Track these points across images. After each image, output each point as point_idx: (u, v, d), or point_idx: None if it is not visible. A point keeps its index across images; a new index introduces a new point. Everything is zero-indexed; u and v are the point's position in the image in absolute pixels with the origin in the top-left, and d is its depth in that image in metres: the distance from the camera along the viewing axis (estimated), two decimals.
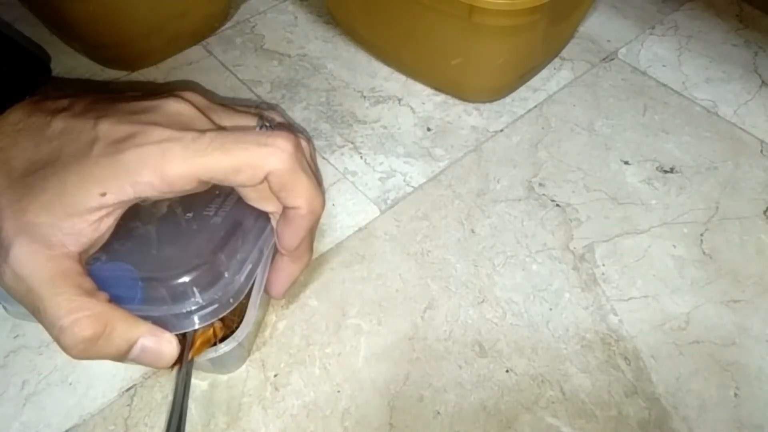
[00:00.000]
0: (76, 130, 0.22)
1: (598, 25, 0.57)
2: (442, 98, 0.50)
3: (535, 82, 0.52)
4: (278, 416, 0.33)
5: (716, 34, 0.57)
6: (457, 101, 0.50)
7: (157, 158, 0.21)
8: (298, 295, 0.38)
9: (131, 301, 0.24)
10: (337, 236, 0.41)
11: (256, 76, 0.51)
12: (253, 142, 0.23)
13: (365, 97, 0.50)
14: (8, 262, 0.20)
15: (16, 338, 0.35)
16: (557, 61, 0.54)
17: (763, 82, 0.52)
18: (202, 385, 0.34)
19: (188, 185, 0.22)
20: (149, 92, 0.25)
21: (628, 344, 0.36)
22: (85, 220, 0.21)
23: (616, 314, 0.37)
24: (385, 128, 0.48)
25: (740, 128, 0.48)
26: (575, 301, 0.38)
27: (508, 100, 0.50)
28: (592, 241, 0.41)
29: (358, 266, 0.39)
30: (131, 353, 0.22)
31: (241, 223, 0.27)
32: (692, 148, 0.47)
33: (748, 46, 0.55)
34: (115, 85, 0.51)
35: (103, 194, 0.21)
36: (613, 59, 0.54)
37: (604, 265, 0.40)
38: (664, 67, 0.53)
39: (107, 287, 0.22)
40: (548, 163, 0.46)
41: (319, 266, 0.39)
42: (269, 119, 0.27)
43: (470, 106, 0.50)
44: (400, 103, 0.50)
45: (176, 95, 0.24)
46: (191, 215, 0.27)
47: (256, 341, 0.36)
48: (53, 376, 0.34)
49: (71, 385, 0.34)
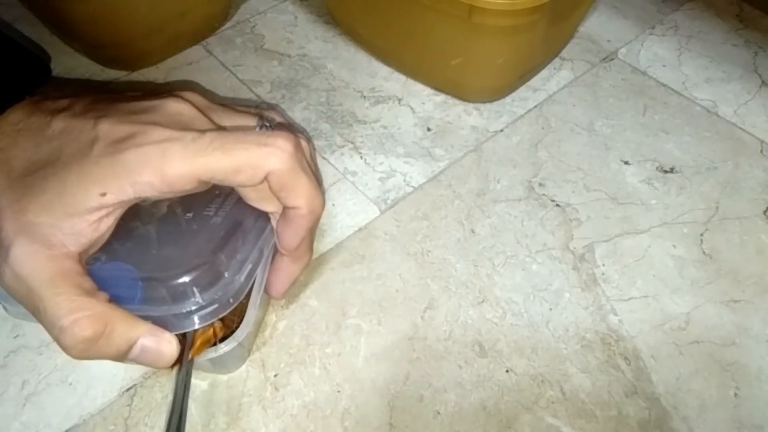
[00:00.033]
0: (76, 130, 0.22)
1: (598, 25, 0.57)
2: (442, 98, 0.50)
3: (535, 82, 0.52)
4: (278, 416, 0.33)
5: (716, 34, 0.57)
6: (457, 101, 0.50)
7: (157, 158, 0.21)
8: (298, 295, 0.38)
9: (131, 301, 0.24)
10: (337, 236, 0.41)
11: (256, 76, 0.51)
12: (253, 142, 0.23)
13: (365, 97, 0.50)
14: (8, 262, 0.20)
15: (16, 338, 0.35)
16: (557, 61, 0.54)
17: (763, 82, 0.52)
18: (202, 385, 0.34)
19: (188, 185, 0.22)
20: (149, 92, 0.25)
21: (628, 344, 0.36)
22: (85, 220, 0.21)
23: (616, 314, 0.37)
24: (385, 128, 0.48)
25: (740, 128, 0.48)
26: (575, 301, 0.38)
27: (508, 100, 0.50)
28: (592, 241, 0.41)
29: (358, 266, 0.39)
30: (131, 353, 0.22)
31: (241, 223, 0.27)
32: (692, 148, 0.47)
33: (748, 46, 0.55)
34: (115, 85, 0.51)
35: (103, 194, 0.21)
36: (613, 59, 0.54)
37: (604, 265, 0.40)
38: (664, 67, 0.53)
39: (107, 287, 0.22)
40: (548, 163, 0.46)
41: (319, 266, 0.39)
42: (269, 119, 0.27)
43: (470, 106, 0.50)
44: (400, 103, 0.50)
45: (176, 95, 0.24)
46: (191, 215, 0.27)
47: (256, 341, 0.36)
48: (53, 376, 0.34)
49: (71, 385, 0.34)
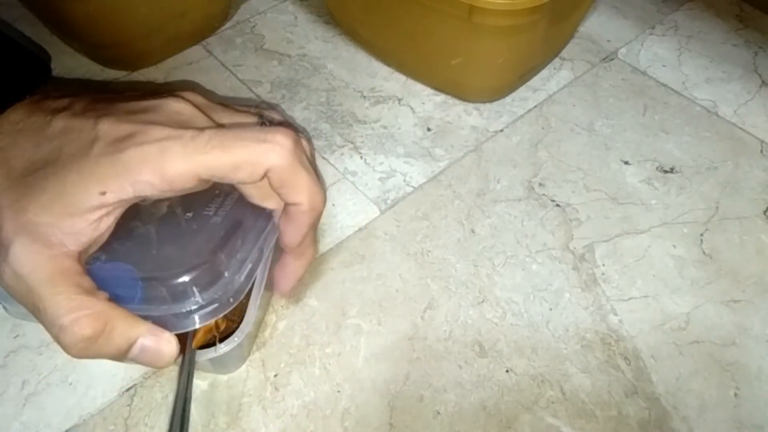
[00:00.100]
0: (76, 129, 0.22)
1: (598, 25, 0.57)
2: (442, 98, 0.50)
3: (535, 82, 0.52)
4: (278, 416, 0.33)
5: (716, 34, 0.57)
6: (457, 101, 0.50)
7: (156, 157, 0.21)
8: (298, 294, 0.38)
9: (131, 300, 0.23)
10: (337, 236, 0.41)
11: (256, 76, 0.51)
12: (252, 138, 0.23)
13: (365, 97, 0.50)
14: (8, 261, 0.20)
15: (16, 338, 0.35)
16: (557, 61, 0.54)
17: (763, 82, 0.52)
18: (202, 385, 0.34)
19: (188, 184, 0.22)
20: (149, 92, 0.25)
21: (628, 344, 0.36)
22: (85, 219, 0.21)
23: (616, 314, 0.37)
24: (385, 128, 0.48)
25: (740, 128, 0.48)
26: (575, 301, 0.38)
27: (508, 100, 0.50)
28: (592, 241, 0.41)
29: (358, 266, 0.39)
30: (131, 353, 0.22)
31: (240, 222, 0.27)
32: (692, 148, 0.47)
33: (748, 46, 0.55)
34: (115, 85, 0.51)
35: (103, 193, 0.21)
36: (613, 59, 0.54)
37: (604, 265, 0.40)
38: (664, 67, 0.53)
39: (107, 287, 0.22)
40: (548, 163, 0.46)
41: (319, 266, 0.39)
42: (269, 118, 0.27)
43: (470, 106, 0.50)
44: (400, 103, 0.50)
45: (176, 95, 0.24)
46: (191, 215, 0.27)
47: (256, 341, 0.36)
48: (53, 376, 0.34)
49: (71, 385, 0.34)
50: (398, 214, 0.42)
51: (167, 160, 0.21)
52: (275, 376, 0.34)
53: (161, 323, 0.23)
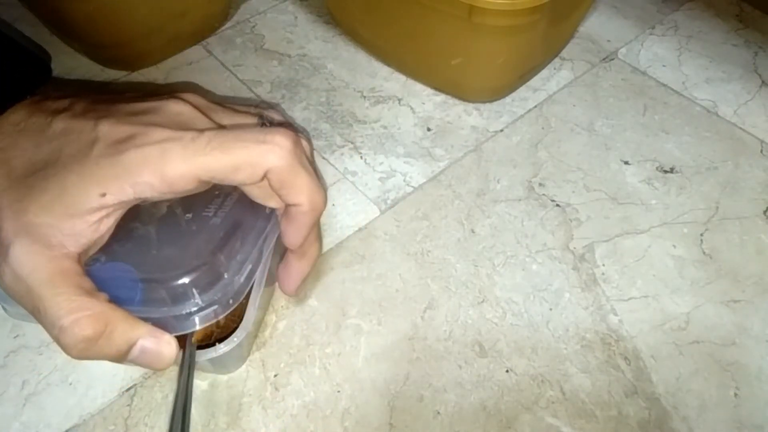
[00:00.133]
0: (76, 130, 0.22)
1: (598, 25, 0.57)
2: (442, 98, 0.50)
3: (535, 82, 0.52)
4: (278, 416, 0.33)
5: (716, 34, 0.57)
6: (457, 101, 0.50)
7: (156, 159, 0.21)
8: (303, 294, 0.38)
9: (131, 302, 0.24)
10: (337, 236, 0.41)
11: (256, 76, 0.51)
12: (251, 139, 0.23)
13: (365, 97, 0.50)
14: (8, 261, 0.20)
15: (16, 338, 0.35)
16: (557, 61, 0.54)
17: (763, 82, 0.52)
18: (202, 385, 0.34)
19: (188, 185, 0.22)
20: (149, 93, 0.25)
21: (628, 344, 0.36)
22: (85, 220, 0.21)
23: (616, 314, 0.37)
24: (385, 128, 0.48)
25: (740, 128, 0.48)
26: (575, 301, 0.38)
27: (508, 100, 0.50)
28: (592, 241, 0.41)
29: (358, 266, 0.39)
30: (131, 354, 0.22)
31: (240, 223, 0.27)
32: (692, 148, 0.47)
33: (748, 46, 0.55)
34: (115, 85, 0.51)
35: (103, 195, 0.21)
36: (613, 59, 0.54)
37: (604, 265, 0.40)
38: (664, 67, 0.53)
39: (106, 288, 0.22)
40: (548, 163, 0.46)
41: (319, 266, 0.39)
42: (269, 119, 0.27)
43: (470, 106, 0.50)
44: (400, 103, 0.50)
45: (176, 96, 0.24)
46: (190, 216, 0.27)
47: (256, 341, 0.36)
48: (53, 376, 0.34)
49: (71, 385, 0.34)
50: (398, 214, 0.42)
51: (167, 161, 0.21)
52: (275, 376, 0.34)
53: (161, 325, 0.23)
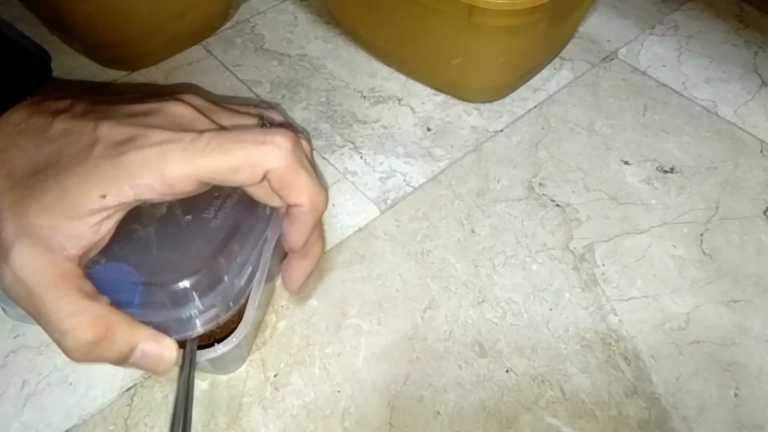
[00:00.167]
0: (76, 131, 0.22)
1: (598, 25, 0.57)
2: (442, 98, 0.50)
3: (535, 82, 0.52)
4: (278, 416, 0.33)
5: (716, 34, 0.57)
6: (457, 101, 0.50)
7: (156, 160, 0.21)
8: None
9: (130, 304, 0.23)
10: (337, 236, 0.41)
11: (256, 76, 0.51)
12: (251, 140, 0.22)
13: (365, 97, 0.50)
14: (9, 263, 0.20)
15: (16, 338, 0.36)
16: (557, 61, 0.54)
17: (763, 82, 0.52)
18: (202, 385, 0.34)
19: (188, 187, 0.22)
20: (150, 94, 0.25)
21: (628, 344, 0.36)
22: (85, 222, 0.21)
23: (616, 314, 0.37)
24: (385, 128, 0.48)
25: (740, 128, 0.48)
26: (575, 301, 0.38)
27: (508, 100, 0.50)
28: (592, 241, 0.41)
29: (358, 266, 0.39)
30: (132, 357, 0.22)
31: (240, 225, 0.27)
32: (692, 148, 0.47)
33: (748, 46, 0.55)
34: (115, 85, 0.51)
35: (103, 196, 0.21)
36: (613, 59, 0.54)
37: (604, 265, 0.40)
38: (664, 67, 0.53)
39: (106, 291, 0.22)
40: (548, 163, 0.46)
41: (319, 266, 0.39)
42: (269, 119, 0.27)
43: (470, 106, 0.50)
44: (400, 103, 0.50)
45: (176, 97, 0.24)
46: (190, 217, 0.27)
47: (256, 341, 0.36)
48: (53, 376, 0.34)
49: (71, 385, 0.34)
50: (398, 214, 0.42)
51: (167, 163, 0.21)
52: (275, 376, 0.34)
53: (162, 328, 0.23)
